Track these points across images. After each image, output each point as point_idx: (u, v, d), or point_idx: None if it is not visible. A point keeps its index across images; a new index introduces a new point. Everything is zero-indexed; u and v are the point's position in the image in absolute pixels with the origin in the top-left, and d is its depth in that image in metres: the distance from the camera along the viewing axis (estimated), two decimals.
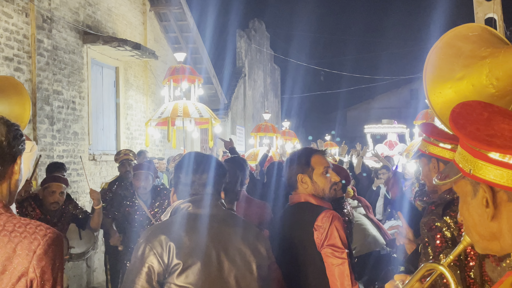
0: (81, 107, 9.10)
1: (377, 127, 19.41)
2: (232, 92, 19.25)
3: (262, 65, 24.93)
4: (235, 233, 2.26)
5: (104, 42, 9.32)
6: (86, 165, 9.22)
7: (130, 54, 10.11)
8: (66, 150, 8.57)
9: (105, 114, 10.31)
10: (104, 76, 10.32)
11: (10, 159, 1.70)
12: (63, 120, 8.51)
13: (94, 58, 9.70)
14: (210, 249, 2.16)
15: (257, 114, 23.46)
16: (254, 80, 23.19)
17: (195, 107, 7.65)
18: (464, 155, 1.25)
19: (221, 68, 19.00)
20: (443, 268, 1.36)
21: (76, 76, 8.98)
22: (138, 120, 11.55)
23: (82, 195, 9.06)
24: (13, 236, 1.59)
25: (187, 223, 2.20)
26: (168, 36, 13.51)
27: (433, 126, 2.65)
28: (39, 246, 1.59)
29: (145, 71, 11.91)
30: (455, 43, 2.88)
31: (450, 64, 2.83)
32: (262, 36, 24.87)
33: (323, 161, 2.91)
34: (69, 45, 8.76)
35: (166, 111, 7.59)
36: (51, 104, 8.16)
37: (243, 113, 21.32)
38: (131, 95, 11.29)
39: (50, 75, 8.15)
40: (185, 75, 7.79)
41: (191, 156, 2.41)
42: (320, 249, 2.71)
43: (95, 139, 9.76)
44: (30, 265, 1.57)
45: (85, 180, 9.17)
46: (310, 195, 2.86)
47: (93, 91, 9.72)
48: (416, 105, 20.11)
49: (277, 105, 29.16)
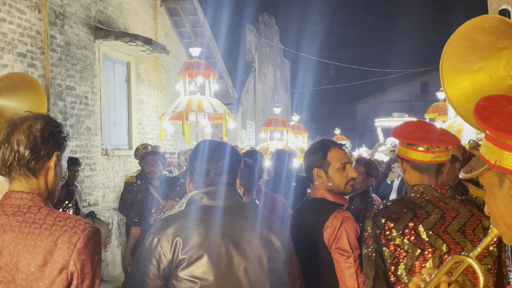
0: (93, 103, 9.15)
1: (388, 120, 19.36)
2: (243, 87, 19.26)
3: (272, 59, 24.90)
4: (247, 225, 2.21)
5: (115, 38, 9.36)
6: (99, 160, 9.29)
7: (142, 49, 10.14)
8: (79, 145, 8.63)
9: (117, 109, 10.36)
10: (115, 71, 10.36)
11: (45, 155, 1.73)
12: (76, 116, 8.56)
13: (105, 54, 9.74)
14: (220, 243, 2.13)
15: (267, 108, 23.45)
16: (264, 74, 23.17)
17: (209, 102, 7.67)
18: (489, 147, 1.26)
19: (231, 62, 19.01)
20: (472, 260, 1.36)
21: (88, 72, 9.02)
22: (149, 115, 11.60)
23: (95, 190, 9.13)
24: (53, 229, 1.63)
25: (199, 215, 2.18)
26: (179, 31, 13.53)
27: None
28: (79, 240, 1.63)
29: (156, 66, 11.94)
30: (472, 35, 2.85)
31: (467, 56, 2.82)
32: (272, 30, 24.83)
33: (341, 156, 2.81)
34: (81, 40, 8.81)
35: (181, 105, 7.62)
36: (64, 99, 8.22)
37: (253, 107, 21.33)
38: (143, 90, 11.33)
39: (63, 70, 8.20)
40: (200, 70, 7.81)
41: (206, 144, 2.34)
42: (330, 249, 2.68)
43: (108, 134, 9.81)
44: (70, 258, 1.61)
45: (98, 175, 9.24)
46: (327, 190, 2.80)
47: (105, 86, 9.76)
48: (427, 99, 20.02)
49: (287, 99, 29.14)
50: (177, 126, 12.09)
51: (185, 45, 13.68)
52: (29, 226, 1.63)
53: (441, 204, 2.26)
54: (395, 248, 2.20)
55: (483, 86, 2.75)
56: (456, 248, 2.16)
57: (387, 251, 2.22)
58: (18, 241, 1.61)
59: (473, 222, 2.21)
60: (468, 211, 2.24)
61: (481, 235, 2.17)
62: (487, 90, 2.71)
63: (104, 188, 9.43)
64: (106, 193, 9.48)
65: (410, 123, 2.46)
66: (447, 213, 2.23)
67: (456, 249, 2.16)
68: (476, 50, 2.83)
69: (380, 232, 2.24)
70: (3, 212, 1.67)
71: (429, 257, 2.17)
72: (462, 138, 4.75)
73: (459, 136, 4.91)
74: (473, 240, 2.18)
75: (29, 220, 1.64)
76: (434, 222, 2.21)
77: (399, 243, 2.20)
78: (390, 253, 2.21)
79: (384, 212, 2.28)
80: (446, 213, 2.23)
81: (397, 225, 2.22)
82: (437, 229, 2.20)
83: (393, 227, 2.22)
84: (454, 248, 2.16)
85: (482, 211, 2.22)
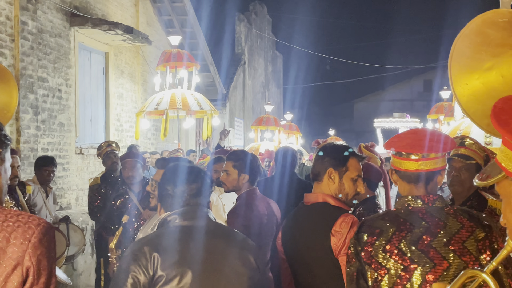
0: (67, 96, 9.09)
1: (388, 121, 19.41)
2: (231, 81, 19.24)
3: (263, 52, 24.91)
4: (224, 244, 2.39)
5: (93, 25, 9.30)
6: (72, 160, 9.24)
7: (121, 38, 10.09)
8: (51, 142, 8.57)
9: (93, 103, 10.30)
10: (92, 62, 10.30)
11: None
12: (48, 110, 8.50)
13: (82, 43, 9.69)
14: (198, 261, 2.28)
15: (257, 105, 23.47)
16: (254, 68, 23.18)
17: (194, 98, 7.64)
18: (507, 153, 1.26)
19: (219, 55, 18.98)
20: (486, 276, 1.37)
21: (63, 62, 8.97)
22: (129, 110, 11.55)
23: (68, 192, 9.08)
24: (5, 225, 1.68)
25: (174, 235, 2.33)
26: (163, 19, 13.49)
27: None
28: (33, 235, 1.67)
29: (137, 57, 11.90)
30: (483, 30, 2.87)
31: (478, 53, 2.83)
32: (264, 20, 24.84)
33: (358, 167, 2.94)
34: (55, 28, 8.75)
35: (163, 102, 7.57)
36: (36, 92, 8.16)
37: (242, 104, 21.33)
38: (122, 83, 11.28)
39: (35, 60, 8.14)
40: (183, 62, 7.76)
41: (177, 166, 2.53)
42: (337, 256, 2.72)
43: (83, 131, 9.76)
44: (25, 254, 1.65)
45: (72, 175, 9.19)
46: (330, 195, 2.86)
47: (81, 79, 9.70)
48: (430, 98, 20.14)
49: (279, 96, 29.18)
50: (156, 123, 12.06)
51: (169, 35, 13.61)
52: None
53: (427, 216, 2.25)
54: (377, 266, 2.22)
55: (494, 86, 2.76)
56: (443, 263, 2.14)
57: (369, 270, 2.23)
58: None
59: (463, 234, 2.18)
60: (458, 222, 2.21)
61: (472, 248, 2.14)
62: (499, 91, 2.72)
63: (78, 190, 9.37)
64: (80, 196, 9.43)
65: (404, 133, 2.49)
66: (432, 226, 2.21)
67: (442, 265, 2.14)
68: (487, 46, 2.84)
69: (362, 249, 2.26)
70: None
71: (411, 274, 2.15)
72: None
73: None
74: (463, 253, 2.15)
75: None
76: (418, 236, 2.20)
77: (381, 261, 2.21)
78: (372, 272, 2.22)
79: (368, 227, 2.31)
80: (432, 226, 2.21)
81: (379, 241, 2.23)
82: (421, 244, 2.18)
83: (375, 243, 2.24)
84: (439, 264, 2.14)
85: (476, 221, 2.20)
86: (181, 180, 2.44)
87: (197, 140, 16.18)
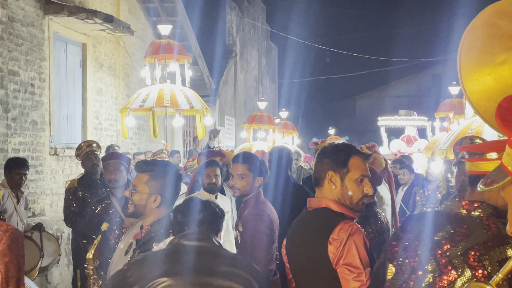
0: (41, 91, 9.07)
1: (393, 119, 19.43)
2: (221, 75, 19.24)
3: (256, 43, 24.94)
4: (221, 268, 2.54)
5: (69, 14, 9.27)
6: (46, 161, 9.21)
7: (100, 28, 10.07)
8: (23, 142, 8.54)
9: (69, 100, 10.28)
10: (68, 54, 10.28)
11: None
12: (20, 107, 8.48)
13: (57, 33, 9.66)
14: (194, 283, 2.46)
15: (250, 102, 23.49)
16: (247, 61, 23.20)
17: (184, 94, 7.58)
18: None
19: (208, 46, 18.99)
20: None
21: (36, 54, 8.94)
22: (108, 107, 11.53)
23: (42, 197, 9.05)
24: None
25: (174, 256, 2.52)
26: (146, 7, 13.47)
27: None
28: (1, 241, 1.72)
29: (117, 48, 11.87)
30: (496, 22, 2.89)
31: (489, 46, 2.84)
32: (257, 9, 24.87)
33: (363, 167, 2.88)
34: (27, 16, 8.72)
35: (150, 99, 7.50)
36: (5, 87, 8.13)
37: (234, 100, 21.34)
38: (101, 77, 11.26)
39: (5, 52, 8.11)
40: (173, 55, 7.69)
41: (193, 202, 2.78)
42: (336, 266, 2.69)
43: (58, 130, 9.74)
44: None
45: (46, 179, 9.16)
46: (333, 200, 2.83)
47: (56, 72, 9.67)
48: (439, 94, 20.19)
49: (274, 92, 29.22)
50: (139, 121, 12.01)
51: (152, 25, 13.62)
52: None
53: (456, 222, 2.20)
54: (395, 264, 2.21)
55: (507, 81, 2.77)
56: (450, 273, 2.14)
57: (390, 266, 2.21)
58: None
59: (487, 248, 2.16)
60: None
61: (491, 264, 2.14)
62: None
63: (53, 195, 9.35)
64: (55, 201, 9.40)
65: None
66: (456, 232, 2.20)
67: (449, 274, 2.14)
68: (500, 39, 2.86)
69: (389, 244, 2.27)
70: None
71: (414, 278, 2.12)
72: None
73: None
74: (476, 267, 2.14)
75: None
76: (437, 242, 2.16)
77: (400, 261, 2.20)
78: (391, 269, 2.21)
79: (405, 223, 2.32)
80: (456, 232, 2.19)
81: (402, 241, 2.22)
82: (434, 250, 2.14)
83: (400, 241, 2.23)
84: (447, 273, 2.14)
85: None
86: (192, 214, 2.70)
87: (183, 140, 16.17)
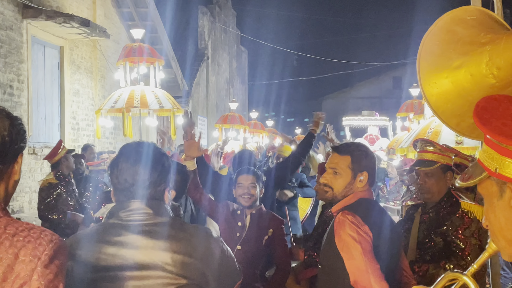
0: (19, 93, 8.96)
1: (357, 119, 19.57)
2: (194, 77, 19.16)
3: (227, 46, 24.90)
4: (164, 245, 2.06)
5: (46, 18, 9.20)
6: (25, 160, 9.08)
7: (77, 31, 9.99)
8: None
9: (47, 100, 10.17)
10: (46, 56, 10.17)
11: (12, 158, 1.69)
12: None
13: (35, 36, 9.56)
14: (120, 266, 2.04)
15: (222, 103, 23.44)
16: (218, 64, 23.15)
17: (155, 95, 7.59)
18: (490, 152, 1.28)
19: (181, 49, 18.89)
20: (467, 278, 1.41)
21: (14, 57, 8.83)
22: (85, 108, 11.43)
23: (21, 195, 8.94)
24: (15, 240, 1.58)
25: (104, 235, 2.09)
26: (121, 12, 13.38)
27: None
28: (44, 252, 1.58)
29: (94, 51, 11.77)
30: (452, 28, 2.94)
31: (446, 51, 2.89)
32: (228, 14, 24.83)
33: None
34: (6, 20, 8.60)
35: (121, 99, 7.49)
36: None
37: (206, 101, 21.27)
38: (78, 79, 11.16)
39: None
40: (143, 57, 7.71)
41: (127, 148, 2.22)
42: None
43: (36, 130, 9.65)
44: (34, 273, 1.56)
45: (24, 177, 9.03)
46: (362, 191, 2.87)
47: (34, 74, 9.58)
48: (400, 95, 20.42)
49: (244, 93, 29.21)
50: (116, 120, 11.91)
51: (127, 28, 13.52)
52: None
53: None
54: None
55: (463, 84, 2.83)
56: None
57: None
58: None
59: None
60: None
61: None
62: (468, 89, 2.79)
63: (31, 192, 9.23)
64: (34, 199, 9.27)
65: None
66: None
67: None
68: (456, 44, 2.91)
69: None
70: None
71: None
72: (440, 140, 4.88)
73: (437, 139, 5.05)
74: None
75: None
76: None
77: None
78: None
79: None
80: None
81: None
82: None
83: None
84: None
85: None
86: (126, 164, 2.13)
87: (158, 140, 16.06)
